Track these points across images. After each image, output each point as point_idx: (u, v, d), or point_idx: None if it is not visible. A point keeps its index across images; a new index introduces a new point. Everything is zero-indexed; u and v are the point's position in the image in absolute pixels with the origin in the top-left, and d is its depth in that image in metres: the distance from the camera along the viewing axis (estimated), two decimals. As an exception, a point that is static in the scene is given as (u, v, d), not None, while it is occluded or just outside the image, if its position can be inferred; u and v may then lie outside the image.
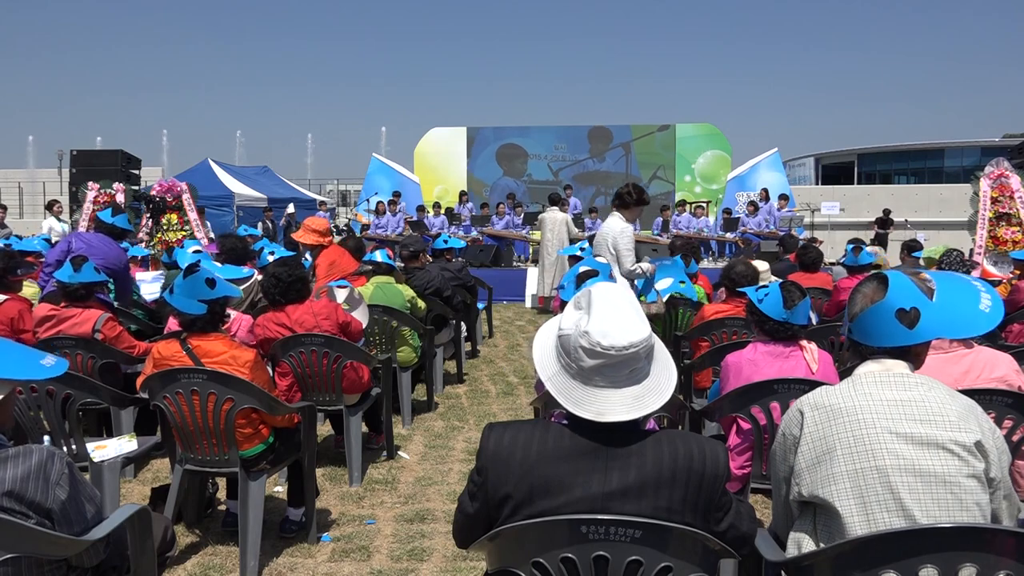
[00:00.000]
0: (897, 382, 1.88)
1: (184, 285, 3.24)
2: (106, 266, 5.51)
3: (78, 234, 6.11)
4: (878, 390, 1.87)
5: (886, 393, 1.86)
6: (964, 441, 1.78)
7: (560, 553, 1.65)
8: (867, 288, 1.97)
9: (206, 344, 3.33)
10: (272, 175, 22.41)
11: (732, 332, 4.62)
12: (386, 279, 5.76)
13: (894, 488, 1.75)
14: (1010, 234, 13.78)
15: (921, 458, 1.76)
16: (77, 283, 4.37)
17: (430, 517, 3.95)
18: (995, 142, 40.93)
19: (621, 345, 1.64)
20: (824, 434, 1.86)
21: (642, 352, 1.67)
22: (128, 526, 2.14)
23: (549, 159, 22.38)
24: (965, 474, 1.76)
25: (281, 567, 3.43)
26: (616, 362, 1.65)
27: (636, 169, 21.83)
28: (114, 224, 6.01)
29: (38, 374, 1.87)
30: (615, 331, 1.65)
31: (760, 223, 15.60)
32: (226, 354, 3.32)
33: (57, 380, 3.50)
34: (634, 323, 1.68)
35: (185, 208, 13.36)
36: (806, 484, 1.86)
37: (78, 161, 14.39)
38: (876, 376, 1.91)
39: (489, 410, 6.05)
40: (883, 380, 1.89)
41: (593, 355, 1.65)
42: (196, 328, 3.33)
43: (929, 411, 1.82)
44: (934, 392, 1.86)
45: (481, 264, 13.30)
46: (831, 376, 3.27)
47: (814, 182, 44.77)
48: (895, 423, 1.81)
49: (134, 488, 4.35)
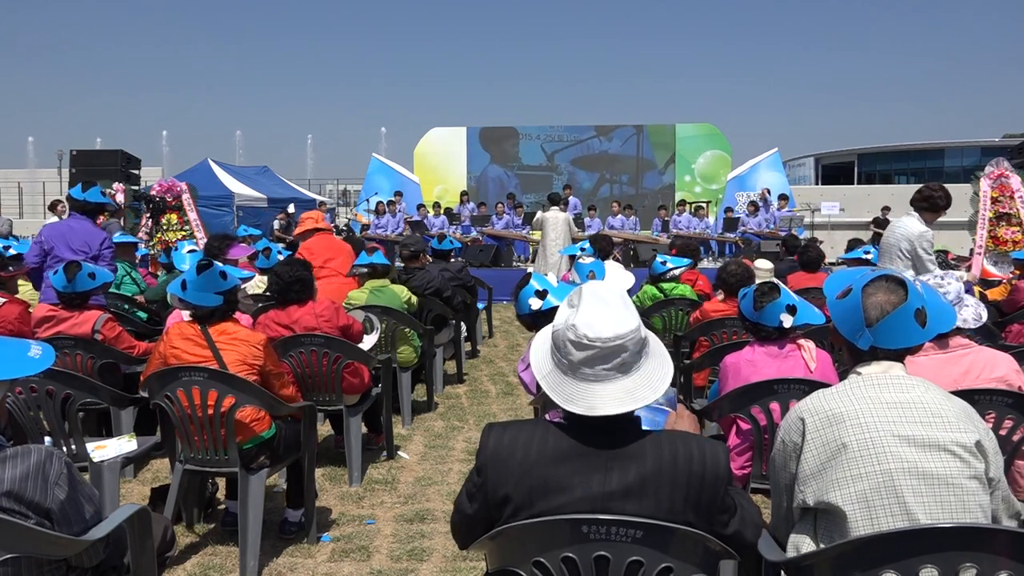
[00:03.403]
0: (895, 384, 1.87)
1: (199, 281, 3.35)
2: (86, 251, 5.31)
3: (48, 225, 5.65)
4: (877, 393, 1.86)
5: (885, 395, 1.85)
6: (965, 442, 1.78)
7: (561, 553, 1.64)
8: (881, 291, 1.90)
9: (220, 325, 3.44)
10: (272, 175, 22.36)
11: (732, 332, 4.62)
12: (381, 282, 5.64)
13: (899, 491, 1.74)
14: (1010, 234, 13.80)
15: (924, 460, 1.76)
16: (71, 293, 4.38)
17: (430, 517, 3.95)
18: (995, 142, 40.94)
19: (607, 336, 1.65)
20: (827, 440, 1.84)
21: (629, 344, 1.67)
22: (128, 526, 2.14)
23: (543, 139, 20.53)
24: (967, 475, 1.75)
25: (281, 567, 3.43)
26: (604, 354, 1.66)
27: (649, 151, 20.24)
28: (86, 200, 5.47)
29: (26, 370, 1.84)
30: (600, 323, 1.66)
31: (760, 223, 15.60)
32: (241, 332, 3.45)
33: (57, 380, 3.51)
34: (621, 315, 1.68)
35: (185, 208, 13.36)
36: (812, 491, 1.85)
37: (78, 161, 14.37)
38: (874, 379, 1.89)
39: (489, 410, 6.05)
40: (881, 383, 1.88)
41: (580, 347, 1.66)
42: (215, 319, 3.43)
43: (929, 412, 1.81)
44: (931, 393, 1.86)
45: (481, 264, 13.30)
46: (830, 375, 3.27)
47: (814, 182, 44.75)
48: (897, 426, 1.80)
49: (134, 488, 4.35)
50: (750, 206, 16.24)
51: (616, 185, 20.80)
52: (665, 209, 16.67)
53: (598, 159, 20.49)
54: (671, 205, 17.57)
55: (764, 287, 3.37)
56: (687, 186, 20.29)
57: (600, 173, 20.53)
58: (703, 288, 6.33)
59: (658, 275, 5.98)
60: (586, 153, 20.66)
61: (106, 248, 5.50)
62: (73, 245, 5.38)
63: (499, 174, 20.52)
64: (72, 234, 5.45)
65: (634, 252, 14.34)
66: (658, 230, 15.92)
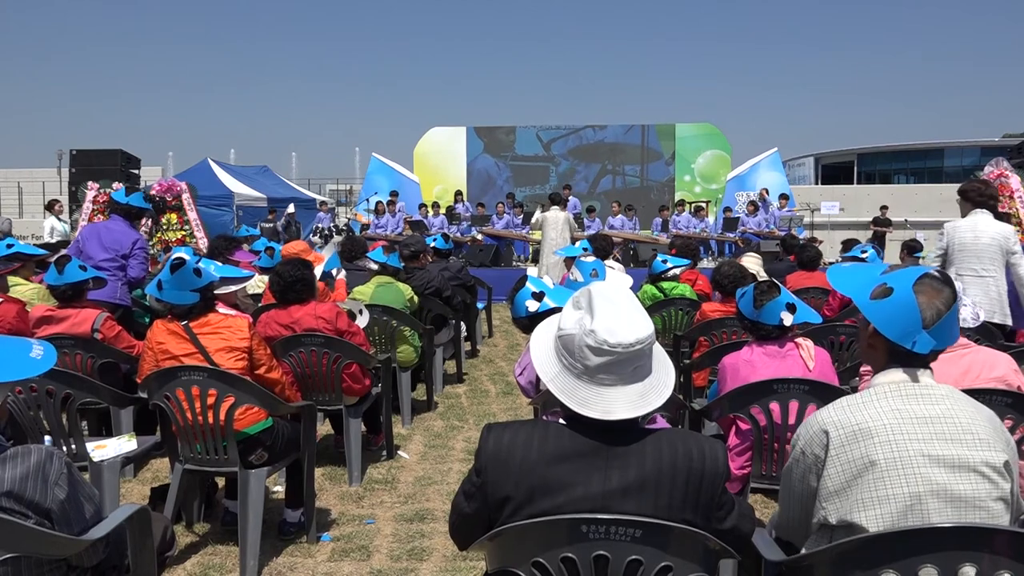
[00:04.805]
0: (924, 395, 1.79)
1: (173, 280, 3.40)
2: (116, 249, 5.59)
3: (87, 226, 6.09)
4: (906, 405, 1.77)
5: (915, 408, 1.77)
6: (994, 462, 1.72)
7: (560, 553, 1.64)
8: (930, 289, 1.79)
9: (201, 319, 3.47)
10: (272, 175, 22.39)
11: (732, 332, 4.63)
12: (387, 279, 5.77)
13: (926, 515, 1.69)
14: (1010, 234, 13.76)
15: (953, 482, 1.70)
16: (63, 284, 4.38)
17: (430, 517, 3.95)
18: (995, 142, 40.92)
19: (628, 342, 1.64)
20: (853, 457, 1.75)
21: (646, 348, 1.68)
22: (127, 526, 2.14)
23: (539, 127, 19.85)
24: (994, 497, 1.71)
25: (281, 567, 3.43)
26: (622, 359, 1.65)
27: (655, 140, 19.44)
28: (129, 204, 5.79)
29: (29, 371, 1.84)
30: (621, 328, 1.65)
31: (760, 223, 15.60)
32: (224, 320, 3.50)
33: (57, 380, 3.51)
34: (638, 320, 1.68)
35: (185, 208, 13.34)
36: (835, 508, 1.77)
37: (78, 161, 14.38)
38: (902, 389, 1.80)
39: (489, 410, 6.05)
40: (910, 393, 1.79)
41: (600, 353, 1.64)
42: (192, 316, 3.46)
43: (960, 428, 1.74)
44: (960, 405, 1.78)
45: (481, 264, 13.30)
46: (828, 374, 3.28)
47: (814, 182, 44.74)
48: (927, 444, 1.73)
49: (134, 488, 4.35)
50: (750, 206, 16.25)
51: (619, 177, 19.97)
52: (667, 209, 16.68)
53: (599, 149, 19.64)
54: (672, 203, 17.56)
55: (763, 286, 3.37)
56: (687, 186, 20.28)
57: (601, 164, 19.74)
58: (703, 288, 6.33)
59: (658, 274, 5.98)
60: (586, 143, 19.76)
61: (138, 248, 5.74)
62: (105, 243, 5.64)
63: (488, 165, 19.51)
64: (106, 233, 5.74)
65: (634, 252, 14.34)
66: (658, 229, 15.93)
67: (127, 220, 5.81)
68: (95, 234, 5.74)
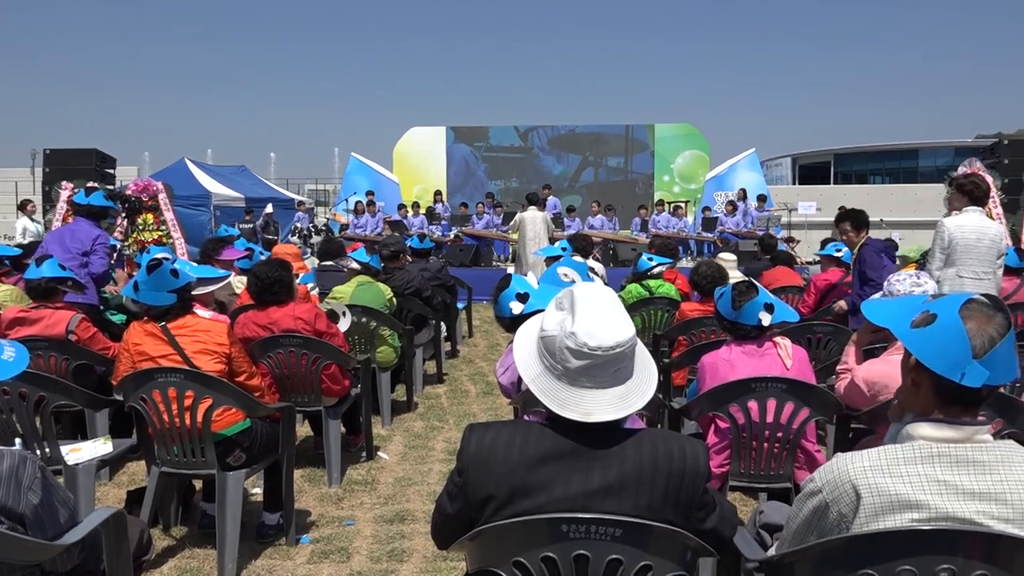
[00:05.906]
0: (977, 461, 1.56)
1: (150, 280, 3.39)
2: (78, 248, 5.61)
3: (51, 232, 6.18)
4: (955, 476, 1.56)
5: (963, 480, 1.55)
6: None
7: (541, 552, 1.64)
8: (979, 315, 1.56)
9: (178, 321, 3.45)
10: (250, 174, 22.19)
11: (710, 331, 4.65)
12: (367, 279, 5.78)
13: None
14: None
15: None
16: (39, 278, 4.36)
17: (410, 518, 3.94)
18: (968, 143, 41.49)
19: (608, 345, 1.64)
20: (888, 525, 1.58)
21: (627, 351, 1.68)
22: (103, 530, 2.11)
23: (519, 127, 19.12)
24: None
25: (259, 569, 3.40)
26: (602, 362, 1.65)
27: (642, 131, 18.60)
28: (90, 204, 5.87)
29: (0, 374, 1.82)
30: (601, 331, 1.64)
31: (738, 223, 15.72)
32: (202, 323, 3.48)
33: (30, 382, 3.46)
34: (619, 322, 1.68)
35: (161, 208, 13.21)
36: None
37: (52, 160, 14.16)
38: (952, 453, 1.57)
39: (469, 410, 6.04)
40: (960, 457, 1.57)
41: (580, 356, 1.64)
42: (170, 317, 3.44)
43: (1013, 509, 1.53)
44: (1016, 473, 1.55)
45: (460, 264, 13.28)
46: (806, 373, 3.30)
47: (791, 182, 45.10)
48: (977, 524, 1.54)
49: (109, 491, 4.29)
50: (728, 206, 16.36)
51: (602, 169, 19.16)
52: (645, 209, 16.75)
53: (580, 139, 18.70)
54: (650, 203, 17.64)
55: (741, 286, 3.39)
56: (666, 186, 20.36)
57: (583, 155, 18.90)
58: (682, 287, 6.38)
59: (642, 272, 6.02)
60: (566, 132, 18.72)
61: (99, 244, 5.76)
62: (67, 244, 5.68)
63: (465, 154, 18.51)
64: (70, 235, 5.79)
65: (613, 252, 14.39)
66: (637, 229, 15.99)
67: (91, 220, 5.87)
68: (58, 238, 5.80)
